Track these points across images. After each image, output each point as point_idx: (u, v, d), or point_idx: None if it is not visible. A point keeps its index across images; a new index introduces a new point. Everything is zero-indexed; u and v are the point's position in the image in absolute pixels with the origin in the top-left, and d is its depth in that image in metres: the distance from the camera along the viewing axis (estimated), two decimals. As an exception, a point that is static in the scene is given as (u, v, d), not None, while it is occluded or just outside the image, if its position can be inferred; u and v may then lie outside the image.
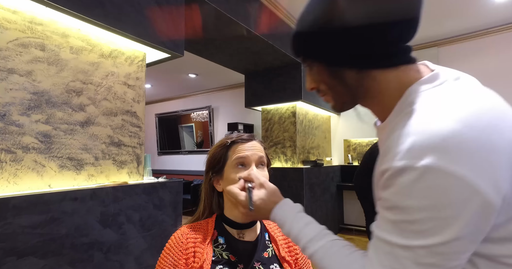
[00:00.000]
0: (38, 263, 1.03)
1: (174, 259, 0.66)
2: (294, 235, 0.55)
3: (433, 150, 0.36)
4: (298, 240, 0.54)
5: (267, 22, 2.65)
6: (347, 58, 0.48)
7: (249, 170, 0.69)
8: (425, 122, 0.39)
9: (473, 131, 0.37)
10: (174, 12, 1.69)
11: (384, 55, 0.46)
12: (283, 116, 3.61)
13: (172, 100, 6.40)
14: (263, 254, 0.71)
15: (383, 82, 0.48)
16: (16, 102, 1.14)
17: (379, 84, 0.48)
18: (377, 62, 0.47)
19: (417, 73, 0.47)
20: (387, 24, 0.43)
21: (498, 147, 0.37)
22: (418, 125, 0.39)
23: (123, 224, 1.32)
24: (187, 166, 5.98)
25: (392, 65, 0.47)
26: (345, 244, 0.52)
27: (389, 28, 0.44)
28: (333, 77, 0.50)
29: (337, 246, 0.51)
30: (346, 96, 0.52)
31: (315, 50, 0.50)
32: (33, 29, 1.21)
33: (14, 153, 1.12)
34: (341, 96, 0.53)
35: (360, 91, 0.50)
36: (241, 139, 0.73)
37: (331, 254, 0.50)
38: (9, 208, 0.98)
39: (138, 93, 1.62)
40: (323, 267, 0.50)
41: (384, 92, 0.48)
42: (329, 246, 0.51)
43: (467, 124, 0.37)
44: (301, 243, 0.54)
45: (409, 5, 0.44)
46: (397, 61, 0.47)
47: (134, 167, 1.57)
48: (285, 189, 3.29)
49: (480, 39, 3.30)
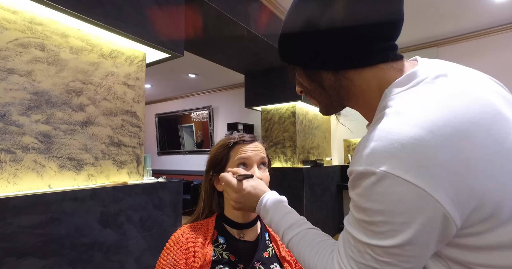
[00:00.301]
0: (38, 263, 1.03)
1: (174, 259, 0.66)
2: (275, 222, 0.57)
3: (392, 157, 0.36)
4: (278, 227, 0.56)
5: (267, 22, 2.65)
6: (320, 60, 0.47)
7: (252, 171, 0.70)
8: (388, 128, 0.38)
9: (437, 139, 0.35)
10: (174, 12, 1.68)
11: (357, 54, 0.45)
12: (283, 116, 3.61)
13: (172, 100, 6.40)
14: (263, 254, 0.71)
15: (362, 82, 0.47)
16: (16, 103, 1.14)
17: (358, 85, 0.47)
18: (350, 62, 0.46)
19: (398, 72, 0.45)
20: (357, 24, 0.43)
21: (466, 154, 0.35)
22: (382, 131, 0.39)
23: (123, 224, 1.32)
24: (187, 166, 5.98)
25: (367, 64, 0.46)
26: (319, 233, 0.54)
27: (357, 28, 0.43)
28: (311, 80, 0.51)
29: (312, 234, 0.53)
30: (327, 99, 0.52)
31: (291, 54, 0.51)
32: (33, 29, 1.21)
33: (14, 153, 1.12)
34: (323, 99, 0.53)
35: (341, 93, 0.49)
36: (243, 140, 0.74)
37: (305, 241, 0.52)
38: (9, 208, 0.97)
39: (138, 93, 1.62)
40: (297, 253, 0.52)
41: (365, 93, 0.47)
42: (304, 233, 0.53)
43: (431, 130, 0.35)
44: (280, 230, 0.56)
45: (379, 4, 0.43)
46: (374, 61, 0.45)
47: (134, 167, 1.57)
48: (285, 189, 3.29)
49: (480, 39, 3.30)
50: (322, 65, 0.48)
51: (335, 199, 4.01)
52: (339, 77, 0.48)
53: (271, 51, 2.94)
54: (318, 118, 4.06)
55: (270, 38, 2.68)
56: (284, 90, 3.44)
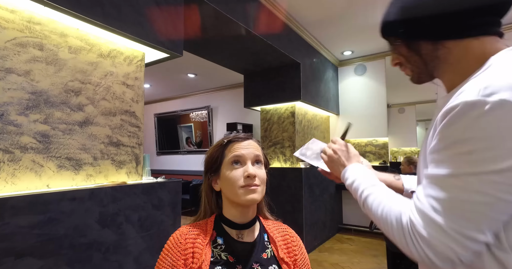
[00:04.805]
0: (36, 263, 1.03)
1: (172, 260, 0.66)
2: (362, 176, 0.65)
3: (508, 88, 0.39)
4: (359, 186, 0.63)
5: (266, 22, 2.65)
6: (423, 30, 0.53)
7: (246, 167, 0.69)
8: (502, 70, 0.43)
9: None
10: (173, 12, 1.68)
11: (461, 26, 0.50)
12: (282, 116, 3.61)
13: (171, 100, 6.39)
14: (262, 255, 0.71)
15: (460, 51, 0.51)
16: (14, 102, 1.14)
17: (456, 53, 0.52)
18: (449, 34, 0.52)
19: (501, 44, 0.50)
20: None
21: None
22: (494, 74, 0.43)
23: (121, 224, 1.32)
24: (186, 166, 5.98)
25: (469, 35, 0.50)
26: None
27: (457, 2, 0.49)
28: (410, 50, 0.57)
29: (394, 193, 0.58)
30: (422, 67, 0.58)
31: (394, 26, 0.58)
32: (31, 28, 1.20)
33: (12, 152, 1.12)
34: (417, 67, 0.58)
35: (435, 62, 0.55)
36: (237, 138, 0.74)
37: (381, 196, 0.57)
38: (7, 208, 0.97)
39: (137, 93, 1.62)
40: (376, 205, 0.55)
41: (461, 61, 0.52)
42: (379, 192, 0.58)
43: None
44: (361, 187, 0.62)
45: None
46: (476, 32, 0.50)
47: (133, 167, 1.57)
48: (284, 189, 3.29)
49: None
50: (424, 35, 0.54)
51: (334, 199, 4.02)
52: (437, 46, 0.53)
53: (270, 51, 2.94)
54: (317, 118, 4.06)
55: (269, 38, 2.68)
56: (283, 90, 3.44)
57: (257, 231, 0.75)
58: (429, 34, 0.53)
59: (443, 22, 0.51)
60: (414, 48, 0.56)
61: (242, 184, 0.68)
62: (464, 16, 0.49)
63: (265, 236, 0.76)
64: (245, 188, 0.68)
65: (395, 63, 0.63)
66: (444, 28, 0.51)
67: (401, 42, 0.58)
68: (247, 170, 0.68)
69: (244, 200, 0.68)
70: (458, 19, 0.50)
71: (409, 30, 0.56)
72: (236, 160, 0.71)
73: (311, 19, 3.03)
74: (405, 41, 0.58)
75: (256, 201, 0.69)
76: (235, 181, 0.68)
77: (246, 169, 0.69)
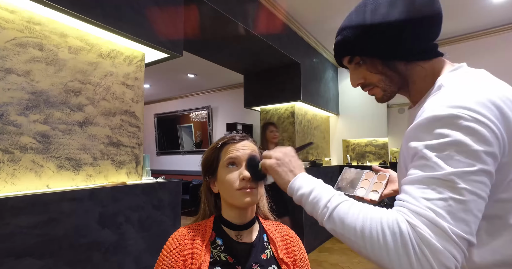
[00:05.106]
0: (36, 263, 1.03)
1: (172, 261, 0.66)
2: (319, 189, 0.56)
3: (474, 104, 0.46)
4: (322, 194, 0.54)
5: (266, 22, 2.65)
6: (399, 53, 0.59)
7: (241, 170, 0.69)
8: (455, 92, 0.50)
9: None
10: (173, 12, 1.68)
11: (426, 49, 0.59)
12: (282, 117, 3.61)
13: (171, 100, 6.39)
14: (261, 256, 0.71)
15: (423, 70, 0.59)
16: (14, 102, 1.14)
17: (422, 73, 0.59)
18: (423, 55, 0.59)
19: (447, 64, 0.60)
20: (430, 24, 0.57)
21: None
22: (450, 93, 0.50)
23: (121, 225, 1.32)
24: (186, 166, 5.98)
25: (431, 57, 0.59)
26: None
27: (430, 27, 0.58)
28: (388, 69, 0.61)
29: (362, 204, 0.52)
30: (397, 84, 0.62)
31: (374, 47, 0.60)
32: (31, 28, 1.20)
33: (12, 153, 1.12)
34: (394, 84, 0.62)
35: (406, 80, 0.61)
36: (232, 140, 0.74)
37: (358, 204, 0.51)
38: (7, 209, 0.97)
39: (136, 93, 1.62)
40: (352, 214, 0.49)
41: (423, 79, 0.60)
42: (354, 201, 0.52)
43: None
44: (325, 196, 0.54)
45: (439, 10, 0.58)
46: (433, 54, 0.60)
47: (133, 167, 1.57)
48: (284, 189, 3.27)
49: (479, 39, 3.31)
50: (400, 57, 0.59)
51: (334, 199, 4.01)
52: (411, 66, 0.60)
53: (270, 52, 2.94)
54: (317, 118, 4.06)
55: (269, 39, 2.67)
56: (283, 90, 3.44)
57: (256, 232, 0.75)
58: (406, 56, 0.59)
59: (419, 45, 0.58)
60: (392, 67, 0.60)
61: (238, 186, 0.68)
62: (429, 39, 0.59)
63: (265, 236, 0.76)
64: (241, 191, 0.68)
65: (358, 83, 0.65)
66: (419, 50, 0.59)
67: (377, 61, 0.61)
68: (242, 173, 0.68)
69: (241, 202, 0.68)
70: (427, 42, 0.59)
71: (390, 51, 0.59)
72: (231, 162, 0.71)
73: (311, 19, 3.03)
74: (382, 61, 0.60)
75: (253, 203, 0.69)
76: (231, 183, 0.68)
77: (242, 171, 0.69)
